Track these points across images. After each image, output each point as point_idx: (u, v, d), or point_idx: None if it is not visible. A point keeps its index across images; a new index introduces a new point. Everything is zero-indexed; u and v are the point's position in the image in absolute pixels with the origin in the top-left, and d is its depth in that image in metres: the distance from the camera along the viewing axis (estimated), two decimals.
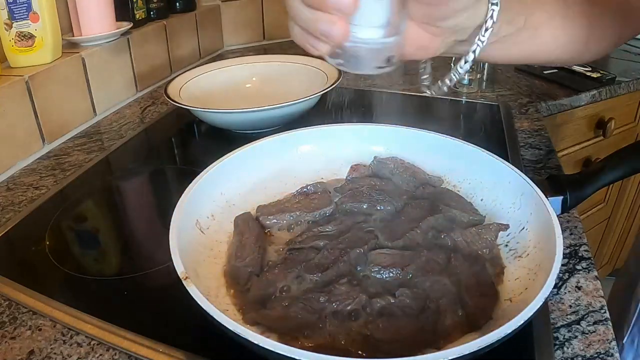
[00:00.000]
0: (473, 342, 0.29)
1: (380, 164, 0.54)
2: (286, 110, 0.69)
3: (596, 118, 1.06)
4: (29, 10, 0.70)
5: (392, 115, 0.84)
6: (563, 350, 0.39)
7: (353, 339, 0.35)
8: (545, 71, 1.02)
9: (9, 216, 0.58)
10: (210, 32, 1.18)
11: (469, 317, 0.37)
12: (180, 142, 0.80)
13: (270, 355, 0.29)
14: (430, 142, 0.55)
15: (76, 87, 0.79)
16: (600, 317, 0.41)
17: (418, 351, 0.33)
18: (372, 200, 0.49)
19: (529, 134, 0.76)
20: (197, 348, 0.38)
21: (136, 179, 0.70)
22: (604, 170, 0.49)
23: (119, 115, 0.88)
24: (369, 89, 0.96)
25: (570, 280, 0.46)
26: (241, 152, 0.52)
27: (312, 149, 0.57)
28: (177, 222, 0.40)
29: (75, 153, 0.74)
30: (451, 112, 0.87)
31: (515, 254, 0.43)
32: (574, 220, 0.54)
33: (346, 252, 0.42)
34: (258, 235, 0.46)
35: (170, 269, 0.35)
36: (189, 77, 0.82)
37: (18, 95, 0.68)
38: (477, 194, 0.51)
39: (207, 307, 0.32)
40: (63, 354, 0.40)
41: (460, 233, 0.45)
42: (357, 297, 0.38)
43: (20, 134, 0.69)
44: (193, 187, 0.46)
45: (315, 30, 0.30)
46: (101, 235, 0.57)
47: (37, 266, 0.50)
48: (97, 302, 0.45)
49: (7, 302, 0.45)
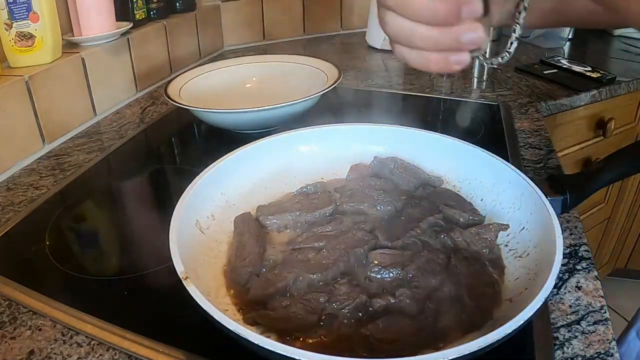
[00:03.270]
0: (473, 342, 0.29)
1: (380, 164, 0.54)
2: (286, 110, 0.69)
3: (596, 118, 1.06)
4: (29, 10, 0.70)
5: (392, 115, 0.84)
6: (563, 350, 0.39)
7: (353, 338, 0.36)
8: (545, 71, 1.02)
9: (9, 216, 0.58)
10: (210, 32, 1.18)
11: (469, 317, 0.37)
12: (180, 142, 0.80)
13: (270, 355, 0.29)
14: (430, 142, 0.55)
15: (76, 87, 0.79)
16: (600, 317, 0.41)
17: (418, 351, 0.33)
18: (372, 200, 0.49)
19: (529, 134, 0.76)
20: (197, 348, 0.38)
21: (136, 179, 0.70)
22: (604, 170, 0.49)
23: (119, 115, 0.88)
24: (369, 89, 0.96)
25: (570, 280, 0.46)
26: (241, 152, 0.52)
27: (312, 149, 0.57)
28: (177, 222, 0.41)
29: (75, 153, 0.74)
30: (451, 112, 0.87)
31: (515, 254, 0.43)
32: (574, 220, 0.54)
33: (346, 252, 0.42)
34: (258, 235, 0.46)
35: (170, 269, 0.35)
36: (189, 77, 0.82)
37: (18, 95, 0.68)
38: (477, 194, 0.51)
39: (207, 307, 0.32)
40: (63, 354, 0.40)
41: (460, 233, 0.45)
42: (357, 297, 0.38)
43: (20, 134, 0.69)
44: (193, 187, 0.46)
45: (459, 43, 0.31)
46: (101, 235, 0.57)
47: (37, 266, 0.50)
48: (97, 302, 0.45)
49: (7, 302, 0.45)
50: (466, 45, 0.31)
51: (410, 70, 1.07)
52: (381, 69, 1.09)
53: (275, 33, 1.29)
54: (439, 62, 0.32)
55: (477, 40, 0.31)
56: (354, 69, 1.08)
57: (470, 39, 0.30)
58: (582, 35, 1.31)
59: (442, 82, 1.00)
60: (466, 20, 0.30)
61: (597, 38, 1.33)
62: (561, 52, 1.22)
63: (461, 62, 0.32)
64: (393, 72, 1.08)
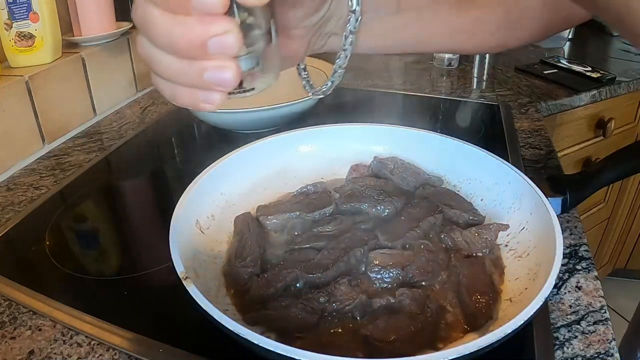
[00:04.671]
0: (473, 342, 0.29)
1: (380, 164, 0.54)
2: (286, 110, 0.69)
3: (596, 118, 1.06)
4: (29, 10, 0.70)
5: (392, 115, 0.84)
6: (563, 350, 0.39)
7: (353, 339, 0.36)
8: (545, 71, 1.02)
9: (9, 216, 0.58)
10: None
11: (469, 317, 0.37)
12: (180, 142, 0.80)
13: (270, 355, 0.29)
14: (430, 142, 0.55)
15: (76, 87, 0.79)
16: (600, 317, 0.41)
17: (418, 351, 0.33)
18: (372, 200, 0.49)
19: (529, 134, 0.76)
20: (197, 348, 0.38)
21: (136, 179, 0.70)
22: (604, 170, 0.49)
23: (119, 115, 0.88)
24: (369, 89, 0.96)
25: (570, 280, 0.46)
26: (241, 152, 0.52)
27: (312, 149, 0.57)
28: (177, 222, 0.40)
29: (75, 153, 0.74)
30: (451, 112, 0.87)
31: (515, 254, 0.43)
32: (574, 220, 0.54)
33: (346, 252, 0.42)
34: (258, 235, 0.46)
35: (170, 269, 0.35)
36: None
37: (18, 95, 0.68)
38: (477, 194, 0.51)
39: (207, 307, 0.32)
40: (63, 354, 0.40)
41: (460, 233, 0.45)
42: (357, 297, 0.38)
43: (20, 134, 0.69)
44: (193, 187, 0.46)
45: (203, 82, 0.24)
46: (101, 235, 0.57)
47: (37, 266, 0.50)
48: (97, 302, 0.45)
49: (7, 302, 0.45)
50: (210, 85, 0.24)
51: (411, 70, 1.07)
52: (381, 69, 1.09)
53: None
54: (184, 98, 0.26)
55: (223, 81, 0.24)
56: (354, 69, 1.08)
57: (215, 79, 0.24)
58: (582, 35, 1.32)
59: (442, 82, 1.00)
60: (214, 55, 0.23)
61: (597, 38, 1.33)
62: (561, 52, 1.22)
63: (211, 102, 0.25)
64: (393, 72, 1.08)
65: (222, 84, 0.24)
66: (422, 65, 1.10)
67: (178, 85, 0.26)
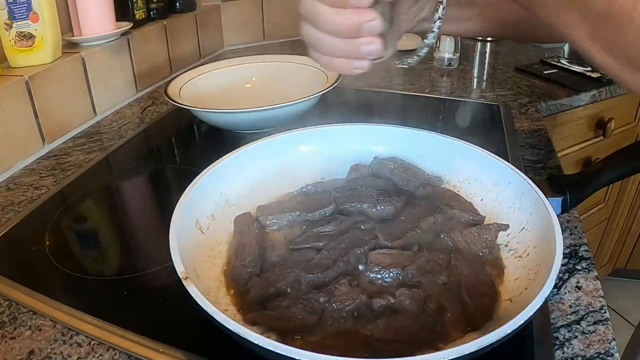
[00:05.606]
0: (473, 342, 0.29)
1: (380, 164, 0.54)
2: (286, 110, 0.69)
3: (596, 118, 1.06)
4: (29, 10, 0.70)
5: (392, 115, 0.84)
6: (563, 350, 0.39)
7: (353, 339, 0.36)
8: (545, 71, 1.02)
9: (9, 216, 0.58)
10: (210, 32, 1.18)
11: (469, 317, 0.37)
12: (180, 142, 0.80)
13: (270, 355, 0.29)
14: (430, 142, 0.55)
15: (76, 87, 0.79)
16: (600, 317, 0.41)
17: (418, 351, 0.33)
18: (372, 200, 0.49)
19: (529, 134, 0.76)
20: (197, 348, 0.38)
21: (136, 179, 0.70)
22: (604, 170, 0.49)
23: (119, 115, 0.88)
24: (369, 89, 0.96)
25: (570, 280, 0.46)
26: (241, 152, 0.52)
27: (312, 149, 0.57)
28: (177, 222, 0.40)
29: (75, 153, 0.74)
30: (451, 112, 0.87)
31: (515, 254, 0.43)
32: (574, 220, 0.54)
33: (346, 252, 0.42)
34: (258, 235, 0.46)
35: (170, 269, 0.35)
36: (189, 77, 0.82)
37: (18, 95, 0.68)
38: (477, 194, 0.51)
39: (207, 307, 0.32)
40: (63, 354, 0.40)
41: (460, 233, 0.45)
42: (357, 297, 0.38)
43: (20, 134, 0.69)
44: (193, 187, 0.46)
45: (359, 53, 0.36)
46: (101, 235, 0.57)
47: (37, 266, 0.50)
48: (97, 302, 0.45)
49: (7, 302, 0.45)
50: (365, 55, 0.36)
51: (411, 70, 1.07)
52: (381, 69, 1.09)
53: (275, 33, 1.29)
54: (343, 66, 0.37)
55: (374, 52, 0.36)
56: None
57: (368, 51, 0.35)
58: None
59: (442, 82, 1.00)
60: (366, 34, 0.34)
61: None
62: (561, 52, 1.22)
63: (362, 68, 0.37)
64: (393, 72, 1.07)
65: (373, 53, 0.36)
66: (422, 65, 1.10)
67: (336, 58, 0.37)
